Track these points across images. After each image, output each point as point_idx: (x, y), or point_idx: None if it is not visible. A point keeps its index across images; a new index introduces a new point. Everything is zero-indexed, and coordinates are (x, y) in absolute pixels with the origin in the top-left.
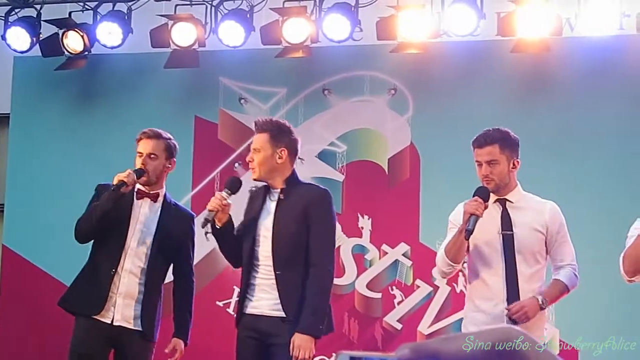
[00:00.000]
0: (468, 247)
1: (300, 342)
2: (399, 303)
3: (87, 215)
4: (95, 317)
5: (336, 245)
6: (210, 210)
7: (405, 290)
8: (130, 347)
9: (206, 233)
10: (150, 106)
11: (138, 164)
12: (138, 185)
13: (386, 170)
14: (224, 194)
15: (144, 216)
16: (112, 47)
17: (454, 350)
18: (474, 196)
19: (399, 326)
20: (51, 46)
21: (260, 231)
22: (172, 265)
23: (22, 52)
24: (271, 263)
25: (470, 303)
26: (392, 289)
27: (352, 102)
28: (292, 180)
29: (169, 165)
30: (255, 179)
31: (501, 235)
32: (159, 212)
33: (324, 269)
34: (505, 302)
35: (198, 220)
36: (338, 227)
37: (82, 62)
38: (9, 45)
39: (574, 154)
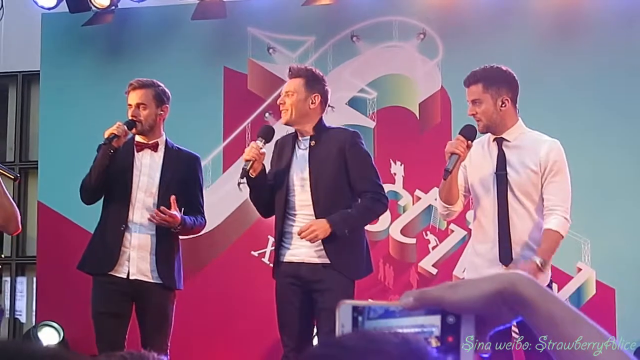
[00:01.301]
0: (468, 188)
1: (315, 223)
2: (433, 248)
3: (87, 176)
4: (110, 273)
5: None
6: (247, 160)
7: (439, 235)
8: (150, 299)
9: (239, 184)
10: (179, 59)
11: (129, 116)
12: (137, 138)
13: (417, 116)
14: (259, 142)
15: (147, 167)
16: (139, 1)
17: (459, 297)
18: (459, 134)
19: (434, 271)
20: (78, 2)
21: (295, 180)
22: (182, 210)
23: (49, 9)
24: (311, 211)
25: (471, 247)
26: (426, 234)
27: (381, 48)
28: (321, 126)
29: (162, 112)
30: (285, 123)
31: (495, 176)
32: (161, 160)
33: (378, 195)
34: (497, 244)
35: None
36: None
37: (109, 17)
38: (35, 2)
39: (606, 93)
